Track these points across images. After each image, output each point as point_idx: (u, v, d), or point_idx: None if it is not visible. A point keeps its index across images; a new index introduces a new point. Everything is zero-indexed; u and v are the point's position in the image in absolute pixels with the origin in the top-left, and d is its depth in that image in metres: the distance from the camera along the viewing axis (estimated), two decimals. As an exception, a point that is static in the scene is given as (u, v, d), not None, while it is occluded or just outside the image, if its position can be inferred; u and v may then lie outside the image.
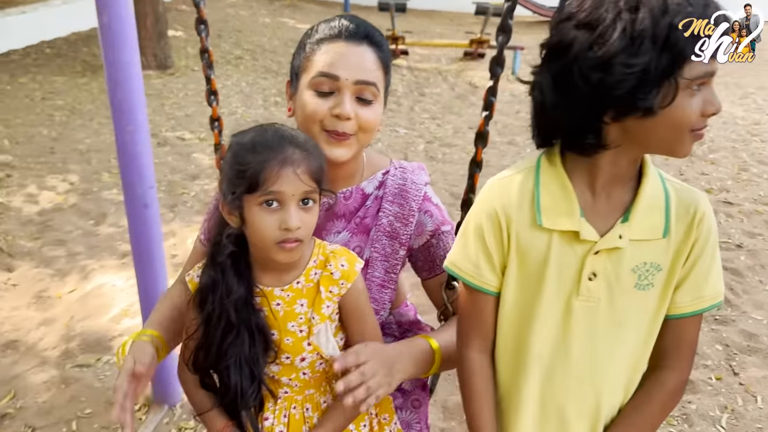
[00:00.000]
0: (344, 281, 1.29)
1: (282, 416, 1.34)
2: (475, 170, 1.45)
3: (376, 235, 1.45)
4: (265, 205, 1.17)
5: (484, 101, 1.40)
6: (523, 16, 14.23)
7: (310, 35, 1.39)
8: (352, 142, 1.36)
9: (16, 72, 8.23)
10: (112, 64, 2.23)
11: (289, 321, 1.28)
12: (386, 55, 1.40)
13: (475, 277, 1.20)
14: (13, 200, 4.75)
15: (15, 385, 2.88)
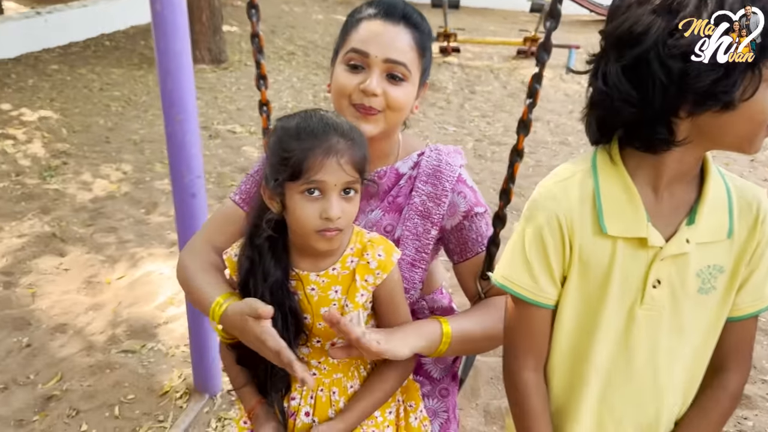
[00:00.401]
0: (380, 271, 1.28)
1: (309, 398, 1.35)
2: (515, 159, 1.42)
3: (408, 214, 1.45)
4: (306, 193, 1.17)
5: (529, 88, 1.36)
6: (579, 15, 13.95)
7: (353, 14, 1.42)
8: (379, 118, 1.37)
9: (76, 63, 8.47)
10: (164, 53, 2.24)
11: (323, 306, 1.28)
12: (424, 38, 1.39)
13: (532, 291, 1.12)
14: (68, 187, 4.88)
15: (62, 368, 2.94)
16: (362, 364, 1.39)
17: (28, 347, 3.07)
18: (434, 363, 1.62)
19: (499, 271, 1.16)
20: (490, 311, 1.41)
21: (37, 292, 3.52)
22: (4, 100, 6.79)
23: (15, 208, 4.49)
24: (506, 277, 1.14)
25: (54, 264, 3.81)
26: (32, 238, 4.07)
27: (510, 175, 1.42)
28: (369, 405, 1.35)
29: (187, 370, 2.91)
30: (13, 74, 7.76)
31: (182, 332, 3.17)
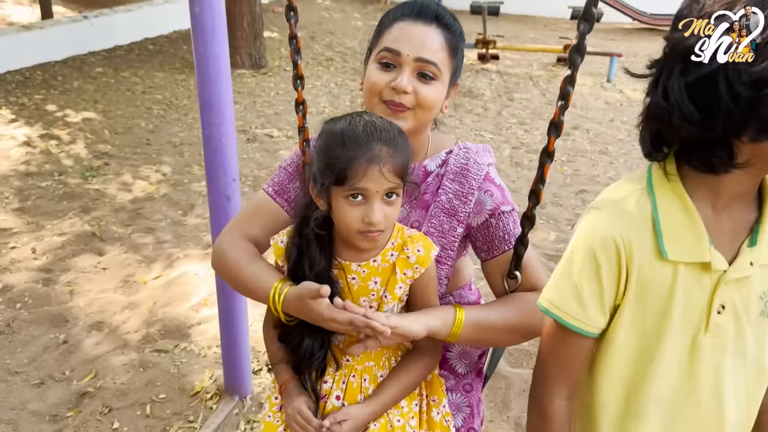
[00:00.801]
0: (419, 266, 1.34)
1: (341, 382, 1.40)
2: (545, 160, 1.39)
3: (434, 211, 1.47)
4: (350, 198, 1.23)
5: (561, 90, 1.33)
6: (622, 23, 13.75)
7: (387, 15, 1.45)
8: (409, 116, 1.39)
9: (120, 66, 8.66)
10: (202, 56, 2.27)
11: (362, 296, 1.35)
12: (455, 38, 1.41)
13: (580, 319, 1.06)
14: (109, 188, 4.97)
15: (96, 365, 2.98)
16: (393, 355, 1.44)
17: (65, 344, 3.13)
18: (459, 358, 1.63)
19: (546, 295, 1.11)
20: (514, 304, 1.42)
21: (75, 289, 3.59)
22: (50, 101, 6.98)
23: (57, 207, 4.59)
24: (552, 302, 1.09)
25: (92, 263, 3.88)
26: (72, 236, 4.16)
27: (540, 177, 1.40)
28: (396, 392, 1.40)
29: (218, 371, 2.93)
30: (60, 76, 7.97)
31: (214, 333, 3.19)
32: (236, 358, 2.74)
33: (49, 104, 6.87)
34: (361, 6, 15.09)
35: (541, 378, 1.16)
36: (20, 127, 6.13)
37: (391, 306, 1.34)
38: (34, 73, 8.02)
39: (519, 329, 1.41)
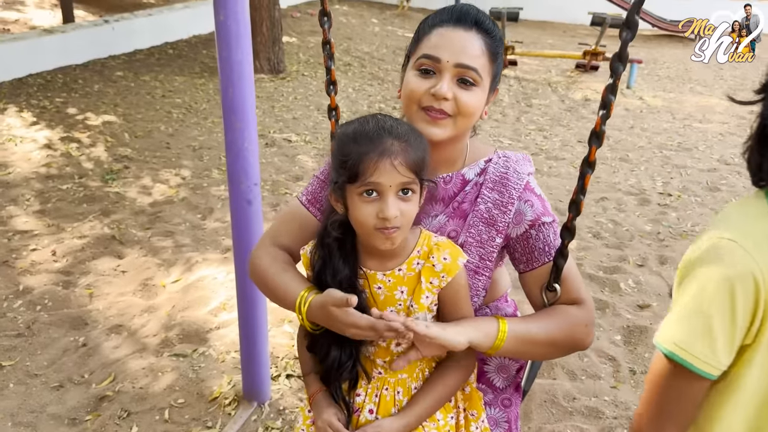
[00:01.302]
0: (445, 274, 1.30)
1: (374, 395, 1.38)
2: (587, 171, 1.36)
3: (472, 221, 1.44)
4: (364, 194, 1.22)
5: (603, 99, 1.32)
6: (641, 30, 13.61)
7: (426, 21, 1.43)
8: (449, 123, 1.37)
9: (140, 70, 8.72)
10: (226, 62, 2.26)
11: (388, 305, 1.32)
12: (495, 44, 1.39)
13: (708, 362, 0.98)
14: (129, 191, 5.00)
15: (115, 369, 2.98)
16: (427, 366, 1.41)
17: (84, 347, 3.14)
18: (497, 372, 1.60)
19: (669, 335, 1.02)
20: (557, 318, 1.39)
21: (94, 292, 3.60)
22: (70, 104, 7.04)
23: (77, 209, 4.62)
24: (678, 344, 1.00)
25: (112, 266, 3.89)
26: (92, 239, 4.18)
27: (581, 187, 1.37)
28: (430, 404, 1.37)
29: (237, 376, 2.92)
30: (80, 80, 8.04)
31: (233, 338, 3.18)
32: (255, 364, 2.73)
33: (69, 107, 6.93)
34: (378, 11, 15.11)
35: (654, 422, 1.07)
36: (41, 130, 6.19)
37: (420, 315, 1.31)
38: (56, 76, 8.10)
39: (561, 344, 1.39)
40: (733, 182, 5.71)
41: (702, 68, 10.67)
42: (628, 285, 3.88)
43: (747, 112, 7.94)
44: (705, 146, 6.72)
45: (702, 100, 8.69)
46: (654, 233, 4.63)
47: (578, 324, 1.40)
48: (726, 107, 8.29)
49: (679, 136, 7.06)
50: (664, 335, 1.03)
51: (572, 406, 2.84)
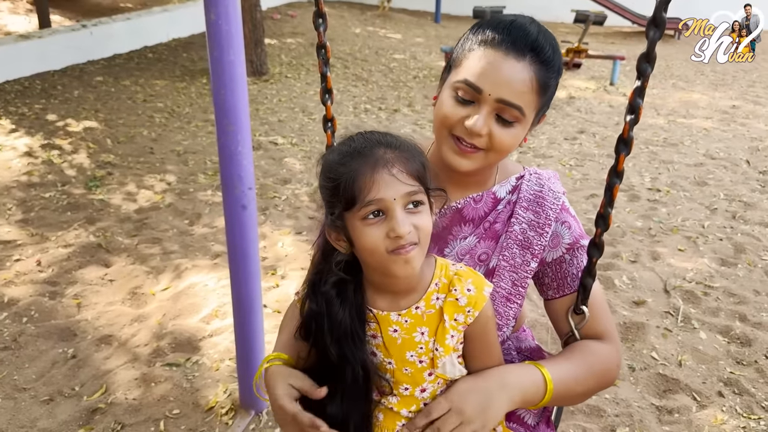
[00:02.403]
0: (471, 308, 1.14)
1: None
2: (615, 181, 1.26)
3: (506, 243, 1.33)
4: (369, 217, 1.05)
5: (630, 103, 1.21)
6: (621, 27, 13.73)
7: (478, 29, 1.26)
8: (479, 157, 1.25)
9: (120, 75, 8.59)
10: (217, 62, 2.20)
11: (408, 350, 1.16)
12: (550, 74, 1.24)
13: None
14: (113, 198, 4.90)
15: (107, 380, 2.90)
16: None
17: (74, 358, 3.05)
18: (527, 409, 1.48)
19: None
20: (589, 360, 1.28)
21: (82, 302, 3.51)
22: (50, 111, 6.90)
23: (61, 218, 4.52)
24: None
25: (99, 274, 3.80)
26: (78, 248, 4.08)
27: (609, 200, 1.26)
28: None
29: (233, 385, 2.85)
30: (59, 86, 7.90)
31: (227, 346, 3.12)
32: (251, 372, 2.67)
33: (49, 114, 6.79)
34: (359, 12, 15.06)
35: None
36: (21, 138, 6.05)
37: (444, 360, 1.16)
38: (33, 82, 7.95)
39: (593, 391, 1.30)
40: (720, 176, 5.74)
41: (683, 64, 10.76)
42: (622, 282, 3.86)
43: (729, 107, 8.03)
44: (690, 141, 6.76)
45: (684, 95, 8.75)
46: (645, 229, 4.63)
47: (610, 363, 1.31)
48: (708, 102, 8.35)
49: (664, 131, 7.10)
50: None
51: (574, 406, 2.81)
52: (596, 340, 1.33)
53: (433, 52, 11.39)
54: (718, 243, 4.41)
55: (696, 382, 2.96)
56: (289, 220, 4.61)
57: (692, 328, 3.41)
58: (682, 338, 3.31)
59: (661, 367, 3.08)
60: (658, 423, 2.72)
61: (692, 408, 2.80)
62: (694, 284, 3.84)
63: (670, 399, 2.87)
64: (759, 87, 9.20)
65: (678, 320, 3.47)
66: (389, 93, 8.47)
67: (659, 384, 2.97)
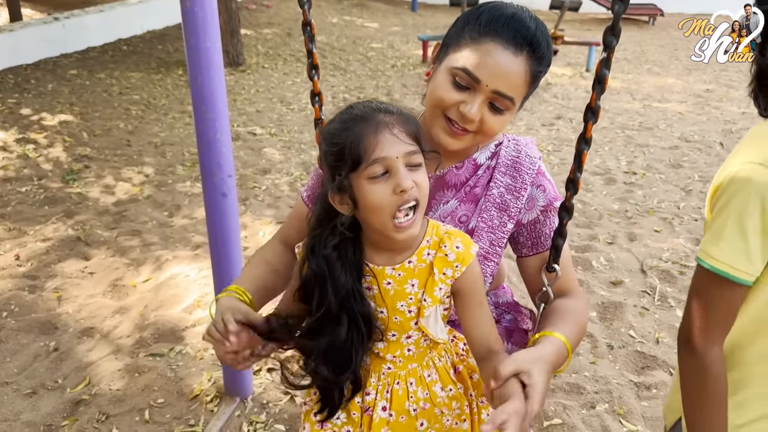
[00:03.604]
0: (459, 264, 1.22)
1: (384, 392, 1.31)
2: (583, 147, 1.32)
3: (484, 205, 1.41)
4: (374, 177, 1.12)
5: (596, 74, 1.26)
6: (596, 13, 13.83)
7: (478, 17, 1.29)
8: (467, 138, 1.33)
9: (94, 68, 8.49)
10: (194, 50, 2.20)
11: (399, 300, 1.24)
12: (541, 69, 1.31)
13: (746, 270, 1.12)
14: (91, 191, 4.86)
15: (90, 372, 2.90)
16: (437, 354, 1.35)
17: (56, 351, 3.04)
18: None
19: (709, 251, 1.15)
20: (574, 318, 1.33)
21: (62, 295, 3.49)
22: (24, 105, 6.81)
23: (38, 212, 4.47)
24: (719, 259, 1.14)
25: (79, 267, 3.78)
26: (56, 242, 4.05)
27: (578, 165, 1.33)
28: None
29: (217, 373, 2.86)
30: (33, 79, 7.79)
31: (210, 335, 3.12)
32: (236, 359, 2.68)
33: (23, 108, 6.71)
34: (336, 2, 15.00)
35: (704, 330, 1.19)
36: (-5, 132, 5.98)
37: (431, 310, 1.23)
38: (6, 76, 7.83)
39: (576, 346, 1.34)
40: (694, 159, 5.83)
41: (657, 49, 10.89)
42: (599, 263, 3.93)
43: (703, 91, 8.14)
44: (665, 125, 6.85)
45: (659, 80, 8.85)
46: (622, 211, 4.70)
47: (585, 320, 1.39)
48: (683, 87, 8.46)
49: (639, 116, 7.19)
50: (704, 252, 1.16)
51: (554, 383, 2.86)
52: (567, 296, 1.41)
53: (411, 41, 11.40)
54: (693, 224, 4.49)
55: (673, 359, 3.03)
56: (269, 210, 4.61)
57: (669, 306, 3.48)
58: (659, 316, 3.38)
59: (638, 344, 3.14)
60: (636, 399, 2.79)
61: (669, 383, 2.87)
62: (670, 264, 3.91)
63: (648, 375, 2.94)
64: (732, 71, 9.35)
65: (655, 299, 3.54)
66: (367, 82, 8.47)
67: (637, 361, 3.04)
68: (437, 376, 1.34)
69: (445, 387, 1.34)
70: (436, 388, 1.33)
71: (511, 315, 1.63)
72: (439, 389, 1.33)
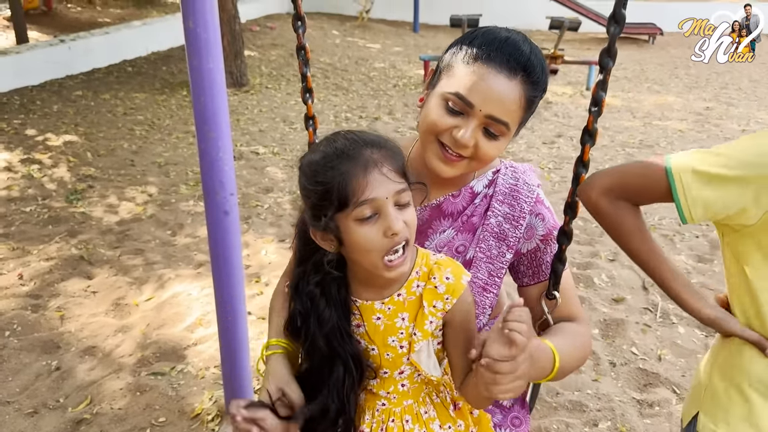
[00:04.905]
0: (449, 296, 1.17)
1: (379, 430, 1.27)
2: (581, 171, 1.31)
3: (482, 235, 1.38)
4: (362, 219, 1.08)
5: (593, 96, 1.27)
6: (596, 33, 13.93)
7: (472, 41, 1.27)
8: (462, 165, 1.29)
9: (99, 89, 8.57)
10: (197, 70, 2.22)
11: (390, 336, 1.20)
12: (536, 93, 1.28)
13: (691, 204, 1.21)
14: (95, 210, 4.89)
15: (92, 391, 2.90)
16: (434, 389, 1.30)
17: (58, 370, 3.05)
18: None
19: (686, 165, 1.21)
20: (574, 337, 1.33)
21: (65, 314, 3.50)
22: (29, 125, 6.87)
23: (42, 231, 4.50)
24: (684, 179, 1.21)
25: (82, 287, 3.79)
26: (60, 261, 4.07)
27: (576, 188, 1.33)
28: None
29: (218, 392, 2.86)
30: (38, 101, 7.86)
31: (212, 353, 3.13)
32: (237, 378, 2.67)
33: (28, 129, 6.76)
34: (338, 23, 15.15)
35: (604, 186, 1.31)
36: (0, 153, 6.02)
37: (422, 344, 1.19)
38: (12, 98, 7.91)
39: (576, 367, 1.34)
40: (695, 176, 5.84)
41: (657, 68, 10.95)
42: (601, 280, 3.93)
43: (703, 108, 8.18)
44: (666, 143, 6.88)
45: (659, 98, 8.90)
46: (623, 229, 4.70)
47: (587, 343, 1.37)
48: (683, 104, 8.50)
49: (640, 134, 7.22)
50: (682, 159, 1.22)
51: (556, 401, 2.85)
52: (570, 321, 1.38)
53: (412, 61, 11.49)
54: (694, 240, 4.50)
55: (675, 376, 3.02)
56: (271, 228, 4.63)
57: (671, 323, 3.47)
58: (661, 333, 3.37)
59: (641, 361, 3.13)
60: (639, 416, 2.77)
61: (672, 401, 2.86)
62: (671, 281, 3.91)
63: (650, 393, 2.93)
64: (731, 89, 9.39)
65: (657, 316, 3.54)
66: (369, 102, 8.53)
67: (640, 378, 3.03)
68: (435, 413, 1.29)
69: (443, 425, 1.29)
70: (434, 426, 1.28)
71: None
72: (437, 427, 1.28)
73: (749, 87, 9.48)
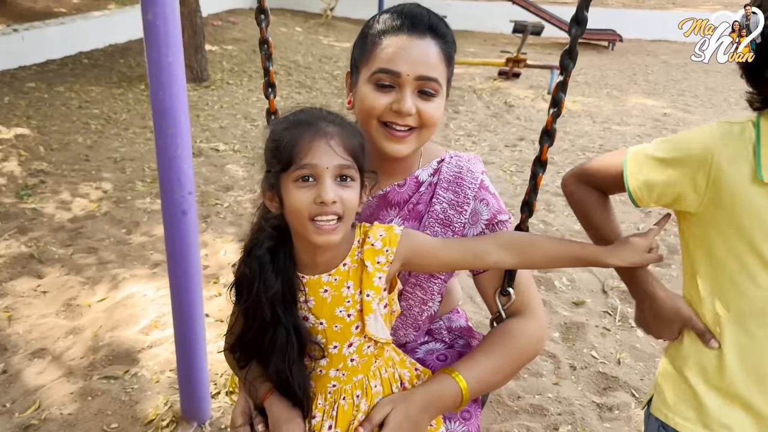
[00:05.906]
0: (389, 247, 1.22)
1: (331, 410, 1.29)
2: (538, 170, 1.36)
3: (428, 222, 1.41)
4: (300, 180, 1.12)
5: (553, 97, 1.31)
6: (558, 38, 14.12)
7: (371, 26, 1.34)
8: (412, 138, 1.32)
9: (53, 81, 8.31)
10: (156, 64, 2.15)
11: (337, 306, 1.23)
12: (450, 47, 1.35)
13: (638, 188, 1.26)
14: (46, 207, 4.72)
15: (40, 395, 2.78)
16: (384, 364, 1.33)
17: (4, 374, 2.92)
18: None
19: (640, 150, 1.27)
20: (506, 345, 1.36)
21: (13, 315, 3.36)
22: (-22, 117, 6.62)
23: (-10, 228, 4.32)
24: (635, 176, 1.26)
25: (31, 286, 3.65)
26: (8, 259, 3.91)
27: (533, 187, 1.37)
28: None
29: (174, 396, 2.78)
30: (-12, 92, 7.58)
31: (167, 357, 3.03)
32: (194, 382, 2.60)
33: (-23, 120, 6.51)
34: (302, 20, 15.03)
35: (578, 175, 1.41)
36: (-54, 145, 5.78)
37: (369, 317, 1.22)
38: (-40, 88, 7.61)
39: (515, 370, 1.38)
40: (653, 181, 5.94)
41: (617, 74, 11.15)
42: (562, 283, 3.95)
43: (660, 115, 8.34)
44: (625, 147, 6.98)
45: (618, 104, 9.05)
46: (583, 232, 4.74)
47: (530, 343, 1.39)
48: (642, 110, 8.66)
49: (600, 138, 7.32)
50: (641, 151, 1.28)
51: (517, 405, 2.85)
52: (519, 316, 1.41)
53: (376, 60, 11.44)
54: (652, 245, 4.56)
55: (634, 380, 3.05)
56: (231, 228, 4.53)
57: (630, 326, 3.51)
58: (620, 337, 3.40)
59: (600, 365, 3.16)
60: (599, 420, 2.79)
61: (631, 404, 2.88)
62: (630, 285, 3.96)
63: (610, 396, 2.95)
64: (688, 96, 9.61)
65: (616, 319, 3.57)
66: (333, 100, 8.47)
67: (599, 382, 3.05)
68: (381, 387, 1.31)
69: None
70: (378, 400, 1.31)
71: (464, 340, 1.62)
72: None
73: (705, 95, 9.71)
